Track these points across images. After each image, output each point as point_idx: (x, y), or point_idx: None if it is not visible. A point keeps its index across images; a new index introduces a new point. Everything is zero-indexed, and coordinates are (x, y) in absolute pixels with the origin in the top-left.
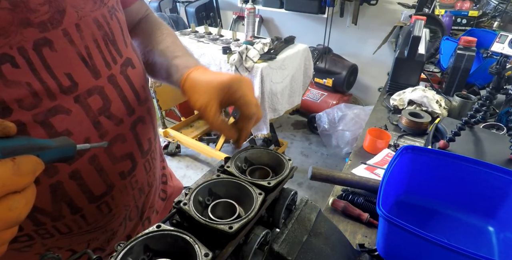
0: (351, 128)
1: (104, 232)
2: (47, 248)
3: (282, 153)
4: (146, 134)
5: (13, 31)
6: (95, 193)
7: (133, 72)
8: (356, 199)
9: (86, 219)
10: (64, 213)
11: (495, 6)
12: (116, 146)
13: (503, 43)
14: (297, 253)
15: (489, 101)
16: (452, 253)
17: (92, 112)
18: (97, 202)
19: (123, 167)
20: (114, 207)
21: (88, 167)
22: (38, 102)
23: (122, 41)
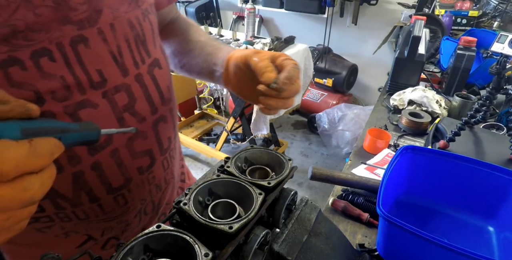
0: (351, 128)
1: (119, 222)
2: (66, 231)
3: (282, 153)
4: (167, 133)
5: (53, 27)
6: (113, 185)
7: (159, 73)
8: (356, 199)
9: (103, 209)
10: (83, 200)
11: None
12: (137, 142)
13: (503, 43)
14: (297, 253)
15: (489, 101)
16: (452, 253)
17: (118, 108)
18: (114, 194)
19: (141, 163)
20: (130, 200)
21: (108, 160)
22: (69, 95)
23: (152, 42)
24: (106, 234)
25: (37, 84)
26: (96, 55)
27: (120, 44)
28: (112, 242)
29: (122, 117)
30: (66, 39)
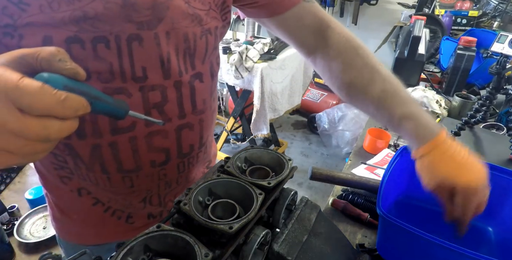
0: (351, 128)
1: (123, 199)
2: (80, 187)
3: (282, 153)
4: (190, 140)
5: (116, 22)
6: (124, 167)
7: (199, 86)
8: (356, 199)
9: (111, 182)
10: (95, 169)
11: (495, 6)
12: (156, 139)
13: (503, 43)
14: (297, 253)
15: (489, 101)
16: (452, 253)
17: (149, 103)
18: (123, 174)
19: (155, 158)
20: (136, 185)
21: (126, 144)
22: (111, 79)
23: (201, 58)
24: (112, 203)
25: (88, 63)
26: (146, 55)
27: (170, 51)
28: (118, 214)
29: (149, 112)
30: (124, 34)
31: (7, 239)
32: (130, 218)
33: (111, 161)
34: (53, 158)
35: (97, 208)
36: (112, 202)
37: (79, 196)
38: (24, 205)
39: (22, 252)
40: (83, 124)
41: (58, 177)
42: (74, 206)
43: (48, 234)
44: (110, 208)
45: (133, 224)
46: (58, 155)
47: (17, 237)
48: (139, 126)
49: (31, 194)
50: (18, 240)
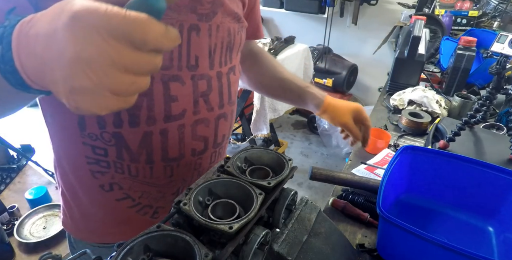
0: None
1: (158, 191)
2: (113, 182)
3: (282, 153)
4: (224, 130)
5: (183, 11)
6: (169, 155)
7: (233, 78)
8: (356, 199)
9: (152, 172)
10: (141, 158)
11: (495, 6)
12: (200, 127)
13: (503, 43)
14: (297, 253)
15: (489, 101)
16: (452, 253)
17: (197, 92)
18: (166, 163)
19: (196, 146)
20: (175, 174)
21: (175, 132)
22: (169, 66)
23: (236, 52)
24: (143, 198)
25: None
26: (200, 45)
27: (217, 43)
28: (145, 210)
29: (197, 101)
30: (187, 24)
31: (7, 239)
32: (156, 214)
33: (158, 150)
34: (90, 152)
35: (123, 204)
36: (143, 197)
37: (109, 191)
38: (24, 205)
39: (22, 252)
40: (138, 111)
41: (89, 172)
42: (99, 203)
43: (48, 234)
44: (139, 204)
45: (157, 219)
46: (99, 147)
47: (17, 237)
48: (188, 114)
49: (31, 194)
50: (18, 240)
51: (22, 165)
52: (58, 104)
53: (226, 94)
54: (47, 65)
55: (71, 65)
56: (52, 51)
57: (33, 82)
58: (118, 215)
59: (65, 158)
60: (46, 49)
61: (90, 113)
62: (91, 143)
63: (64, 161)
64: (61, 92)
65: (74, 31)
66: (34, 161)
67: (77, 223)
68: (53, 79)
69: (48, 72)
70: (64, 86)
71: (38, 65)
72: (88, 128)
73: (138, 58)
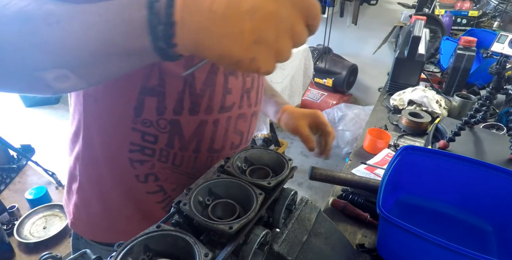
0: (351, 128)
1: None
2: (150, 173)
3: (282, 153)
4: (254, 127)
5: None
6: (214, 146)
7: (261, 79)
8: (356, 199)
9: (196, 162)
10: (190, 147)
11: (495, 6)
12: (241, 121)
13: (503, 43)
14: (297, 253)
15: (489, 101)
16: (452, 253)
17: (245, 87)
18: (209, 153)
19: (235, 139)
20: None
21: (223, 123)
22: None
23: None
24: (176, 191)
25: None
26: None
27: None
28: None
29: (243, 96)
30: None
31: (7, 239)
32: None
33: (207, 139)
34: (137, 138)
35: (153, 198)
36: (176, 190)
37: (143, 182)
38: (24, 205)
39: (22, 252)
40: (200, 100)
41: (127, 161)
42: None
43: (48, 234)
44: (169, 197)
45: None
46: (149, 134)
47: (17, 237)
48: (235, 107)
49: (31, 194)
50: (18, 240)
51: (22, 165)
52: (115, 87)
53: (260, 93)
54: (229, 20)
55: (269, 19)
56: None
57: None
58: (144, 210)
59: (100, 146)
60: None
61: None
62: (142, 129)
63: (98, 150)
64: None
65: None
66: (34, 161)
67: (96, 220)
68: (234, 32)
69: (230, 26)
70: (250, 36)
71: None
72: (145, 114)
73: (302, 30)
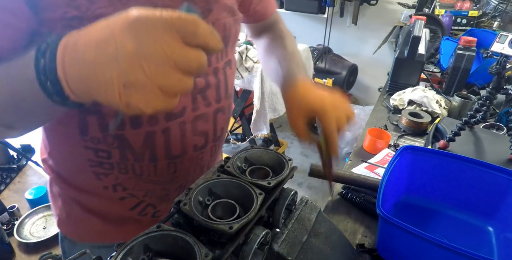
0: (351, 128)
1: (162, 189)
2: (116, 183)
3: (282, 153)
4: (222, 123)
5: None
6: (172, 153)
7: (229, 72)
8: (355, 198)
9: (156, 170)
10: (145, 157)
11: (495, 6)
12: (200, 122)
13: (503, 43)
14: (297, 253)
15: (489, 101)
16: (452, 253)
17: (196, 89)
18: (169, 160)
19: (197, 142)
20: (178, 170)
21: (176, 129)
22: None
23: (231, 46)
24: (147, 197)
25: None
26: None
27: None
28: (149, 209)
29: (195, 97)
30: None
31: (7, 239)
32: (158, 212)
33: (162, 148)
34: (92, 155)
35: (127, 204)
36: (147, 196)
37: (113, 192)
38: (24, 205)
39: (22, 252)
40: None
41: (92, 174)
42: (102, 202)
43: (48, 234)
44: (143, 202)
45: (158, 218)
46: (101, 150)
47: (17, 237)
48: (187, 111)
49: (31, 194)
50: (18, 240)
51: (22, 165)
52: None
53: (223, 88)
54: (98, 67)
55: (130, 59)
56: (107, 53)
57: (73, 92)
58: (120, 214)
59: (65, 162)
60: (99, 53)
61: (138, 110)
62: (93, 146)
63: (63, 166)
64: (112, 90)
65: (133, 30)
66: (34, 161)
67: (77, 222)
68: (104, 79)
69: (99, 74)
70: (118, 82)
71: (85, 71)
72: (91, 132)
73: (187, 53)
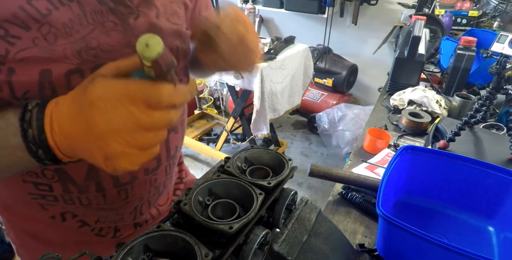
0: (351, 128)
1: (115, 214)
2: (64, 212)
3: (282, 153)
4: (175, 142)
5: (117, 49)
6: (121, 181)
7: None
8: (355, 198)
9: (106, 199)
10: (90, 189)
11: (495, 6)
12: None
13: (503, 43)
14: (297, 253)
15: (489, 101)
16: (452, 253)
17: None
18: (119, 188)
19: (149, 165)
20: (130, 196)
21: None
22: None
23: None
24: (100, 222)
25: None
26: None
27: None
28: (105, 230)
29: None
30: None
31: (7, 239)
32: (118, 232)
33: (108, 178)
34: (32, 189)
35: (84, 230)
36: (100, 221)
37: (62, 221)
38: None
39: None
40: None
41: (37, 206)
42: (56, 231)
43: None
44: (95, 229)
45: (120, 237)
46: (41, 184)
47: None
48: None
49: None
50: None
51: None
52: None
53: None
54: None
55: (103, 137)
56: (80, 130)
57: (66, 155)
58: (78, 238)
59: (7, 195)
60: (74, 130)
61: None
62: (32, 180)
63: (6, 197)
64: (97, 159)
65: (100, 108)
66: None
67: (35, 253)
68: (88, 149)
69: (82, 145)
70: (99, 154)
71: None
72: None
73: (156, 117)
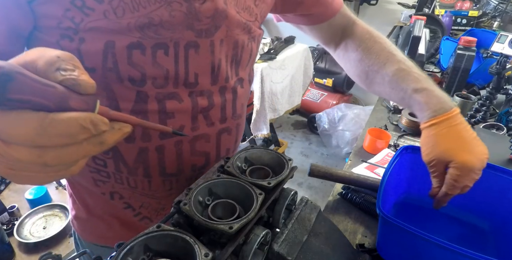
0: (351, 128)
1: (157, 203)
2: (114, 191)
3: (282, 153)
4: (227, 144)
5: (178, 30)
6: (167, 171)
7: (240, 91)
8: (355, 198)
9: (151, 185)
10: (138, 172)
11: (495, 6)
12: (200, 143)
13: (503, 43)
14: (297, 253)
15: (489, 101)
16: (452, 253)
17: (196, 108)
18: (164, 177)
19: (197, 161)
20: (174, 188)
21: (171, 148)
22: (165, 84)
23: (245, 64)
24: (143, 208)
25: (146, 68)
26: (200, 62)
27: (221, 58)
28: (146, 221)
29: (196, 117)
30: (183, 42)
31: (7, 239)
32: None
33: (156, 165)
34: (91, 162)
35: (128, 212)
36: (143, 207)
37: (111, 200)
38: (24, 205)
39: (22, 252)
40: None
41: (91, 180)
42: (104, 208)
43: (48, 234)
44: (139, 214)
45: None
46: (99, 158)
47: (17, 237)
48: (185, 130)
49: (31, 194)
50: (18, 240)
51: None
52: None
53: (229, 108)
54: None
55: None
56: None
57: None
58: (124, 220)
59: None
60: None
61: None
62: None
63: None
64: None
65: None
66: None
67: (83, 224)
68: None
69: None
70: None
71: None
72: None
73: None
